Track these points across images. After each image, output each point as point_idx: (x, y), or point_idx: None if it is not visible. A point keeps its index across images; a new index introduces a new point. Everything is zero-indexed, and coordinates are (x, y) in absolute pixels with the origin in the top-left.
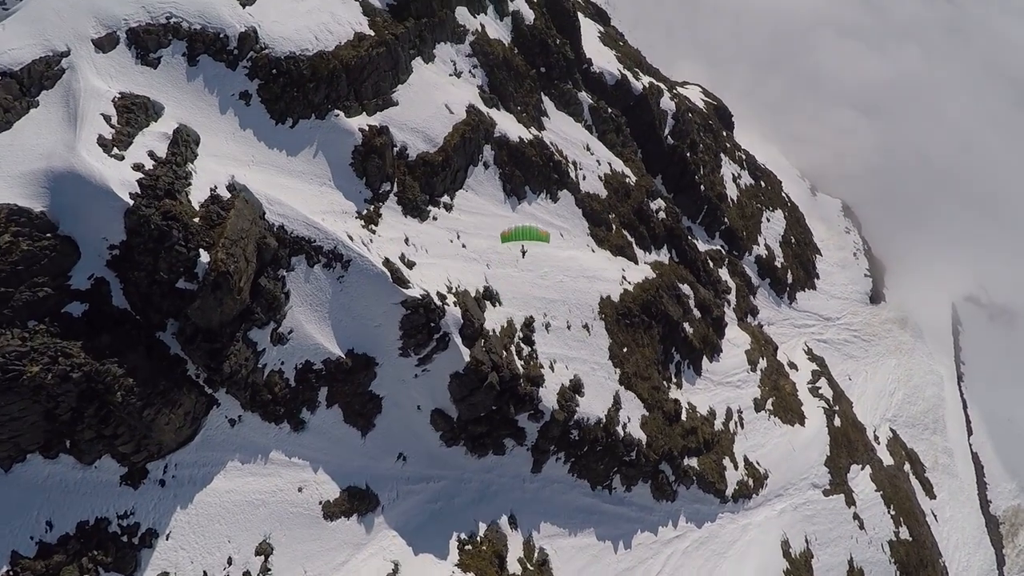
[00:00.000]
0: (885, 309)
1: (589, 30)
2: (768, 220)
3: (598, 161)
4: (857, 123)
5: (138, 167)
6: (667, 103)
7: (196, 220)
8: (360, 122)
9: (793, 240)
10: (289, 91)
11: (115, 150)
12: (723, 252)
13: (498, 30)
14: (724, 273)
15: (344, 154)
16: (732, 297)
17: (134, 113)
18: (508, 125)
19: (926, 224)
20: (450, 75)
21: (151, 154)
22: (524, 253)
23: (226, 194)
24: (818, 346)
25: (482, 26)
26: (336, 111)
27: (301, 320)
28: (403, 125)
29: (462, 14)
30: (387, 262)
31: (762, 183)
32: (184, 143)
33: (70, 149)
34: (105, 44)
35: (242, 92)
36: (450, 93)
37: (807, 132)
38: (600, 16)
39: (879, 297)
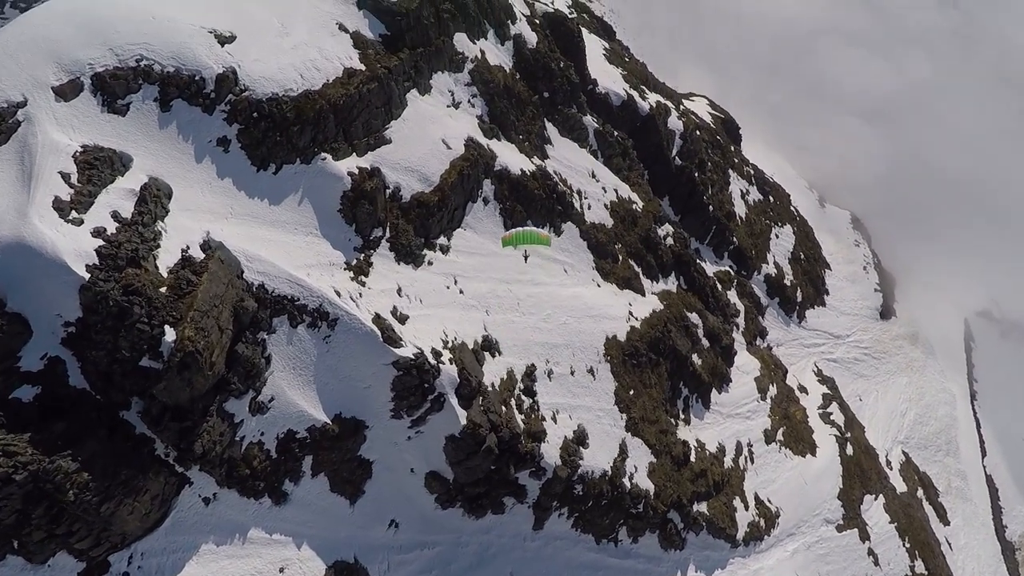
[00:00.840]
0: (896, 325)
1: (594, 47)
2: (777, 236)
3: (604, 188)
4: (863, 131)
5: (99, 232)
6: (675, 122)
7: (163, 290)
8: (349, 165)
9: (802, 256)
10: (272, 135)
11: (73, 213)
12: (731, 273)
13: (499, 55)
14: (733, 295)
15: (332, 200)
16: (741, 320)
17: (97, 169)
18: (509, 157)
19: (936, 236)
20: (448, 106)
21: (115, 215)
22: (527, 258)
23: (199, 254)
24: (828, 366)
25: (482, 52)
26: (323, 154)
27: (283, 386)
28: (396, 165)
29: (461, 41)
30: (377, 319)
31: (771, 198)
32: (154, 199)
33: (21, 215)
34: (67, 92)
35: (220, 138)
36: (447, 126)
37: (813, 141)
38: (605, 30)
39: (889, 312)
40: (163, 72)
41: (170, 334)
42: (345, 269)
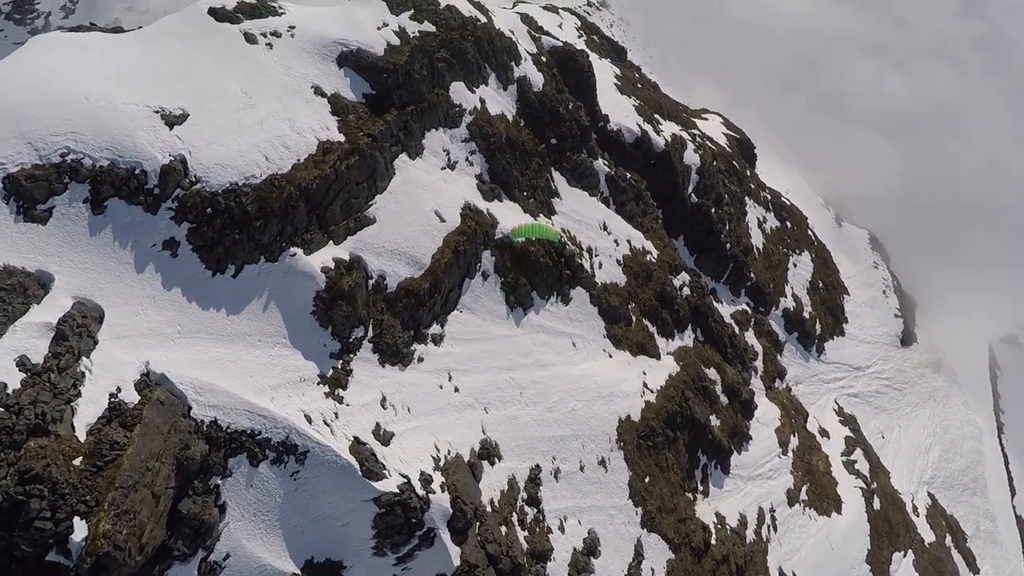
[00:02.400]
0: (917, 351)
1: (605, 77)
2: (795, 265)
3: (616, 241)
4: (882, 147)
5: None
6: (691, 156)
7: (77, 462)
8: (324, 257)
9: (821, 284)
10: (229, 233)
11: None
12: (749, 312)
13: (501, 102)
14: (751, 336)
15: (304, 302)
16: (759, 362)
17: (3, 301)
18: (512, 221)
19: (958, 257)
20: (443, 168)
21: (21, 363)
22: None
23: (134, 396)
24: (849, 402)
25: (482, 101)
26: (292, 249)
27: (241, 538)
28: (381, 249)
29: (458, 91)
30: (356, 445)
31: (788, 223)
32: (77, 330)
33: None
34: None
35: (167, 240)
36: (442, 193)
37: (830, 156)
38: (617, 52)
39: (910, 338)
40: (95, 167)
41: (80, 529)
42: (319, 383)
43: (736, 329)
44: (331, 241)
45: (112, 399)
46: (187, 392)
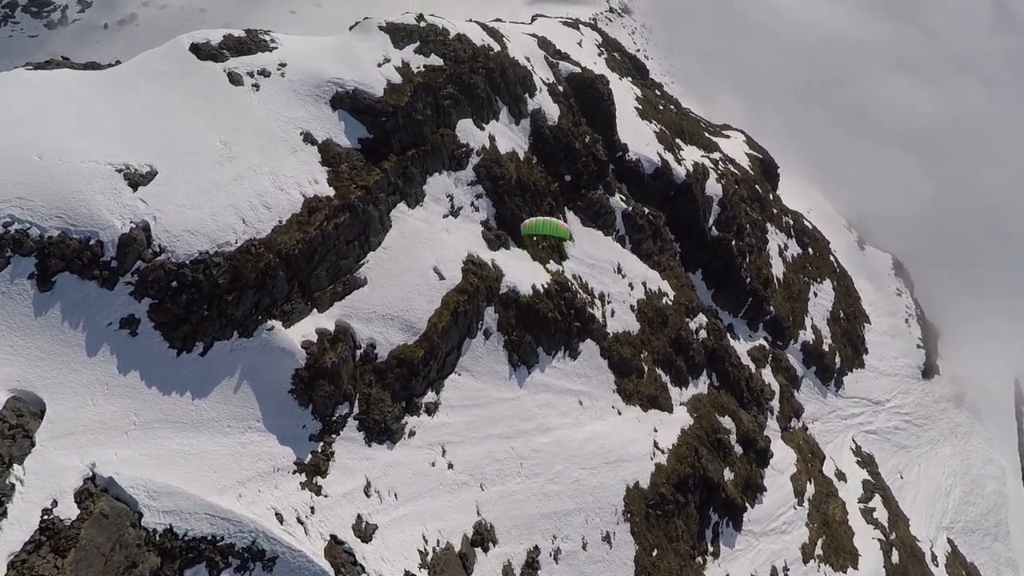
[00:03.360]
0: (939, 384)
1: (626, 99)
2: (816, 295)
3: (630, 285)
4: (909, 165)
5: None
6: (713, 187)
7: None
8: (307, 329)
9: (842, 314)
10: (197, 309)
11: None
12: (766, 347)
13: (513, 138)
14: (767, 373)
15: (281, 381)
16: (776, 402)
17: None
18: (519, 272)
19: (986, 285)
20: (445, 216)
21: None
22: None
23: (73, 509)
24: (867, 439)
25: (491, 138)
26: (270, 323)
27: None
28: (371, 314)
29: (466, 129)
30: (332, 545)
31: (810, 250)
32: (10, 433)
33: None
34: None
35: (124, 318)
36: (442, 245)
37: (854, 174)
38: (638, 70)
39: (932, 370)
40: (43, 239)
41: None
42: (295, 472)
43: (753, 368)
44: (315, 309)
45: (45, 517)
46: (139, 497)
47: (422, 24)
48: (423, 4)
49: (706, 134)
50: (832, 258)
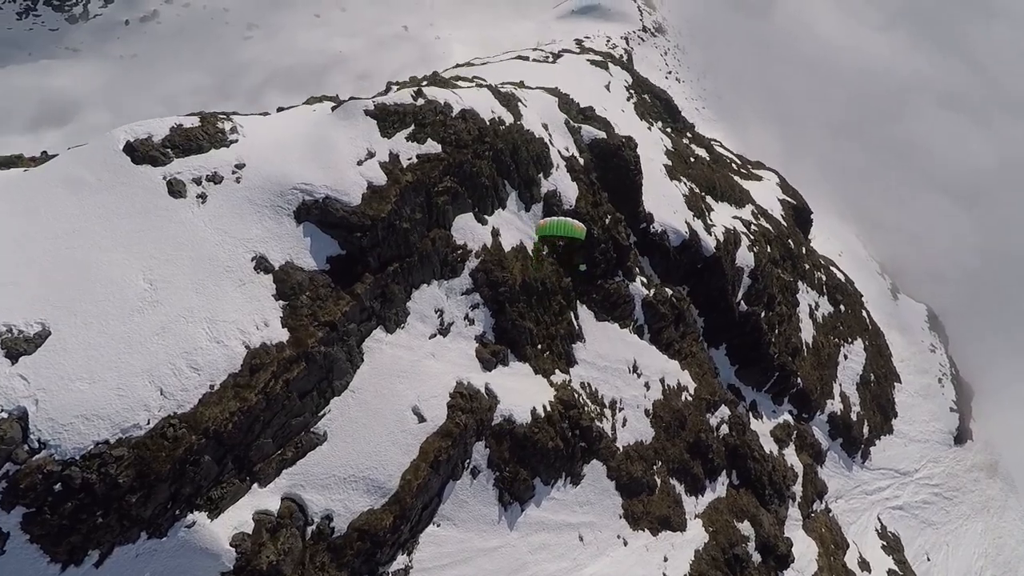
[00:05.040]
0: (971, 451)
1: (654, 155)
2: (846, 357)
3: (646, 384)
4: (951, 212)
5: None
6: (744, 255)
7: None
8: (241, 516)
9: (872, 377)
10: (89, 516)
11: None
12: (791, 424)
13: (521, 227)
14: (791, 453)
15: None
16: (799, 486)
17: None
18: (517, 394)
19: None
20: (432, 336)
21: None
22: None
23: None
24: (892, 516)
25: (495, 233)
26: (190, 517)
27: None
28: (329, 480)
29: (464, 226)
30: None
31: (842, 307)
32: None
33: None
34: None
35: None
36: (425, 377)
37: (891, 216)
38: (669, 112)
39: (965, 435)
40: None
41: None
42: None
43: (776, 451)
44: (256, 484)
45: None
46: None
47: (419, 102)
48: (450, 14)
49: (737, 179)
50: (864, 313)
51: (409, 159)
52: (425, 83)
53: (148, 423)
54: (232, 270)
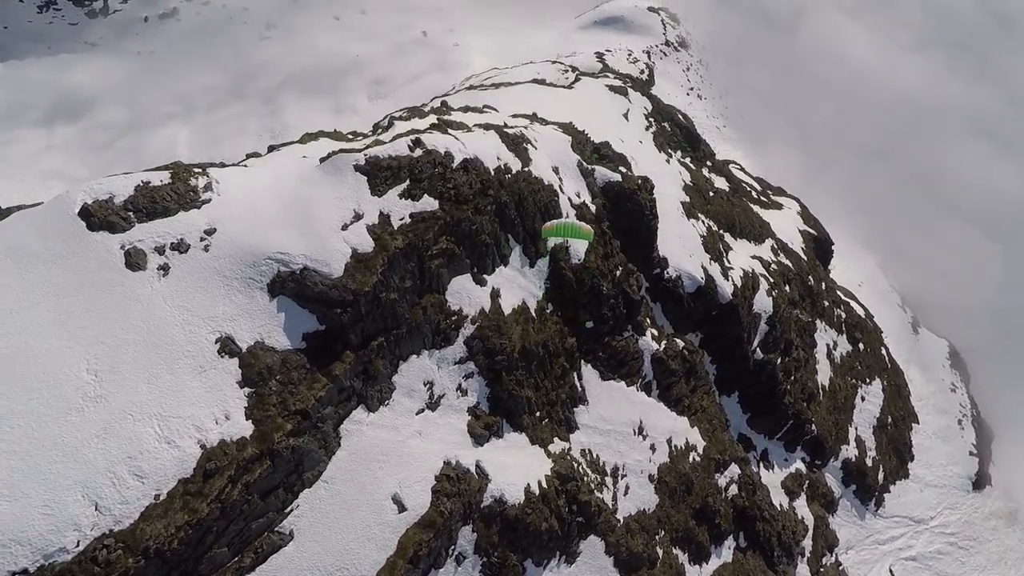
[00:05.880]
0: (990, 498)
1: (672, 191)
2: (863, 399)
3: (652, 446)
4: (979, 245)
5: None
6: (763, 300)
7: None
8: None
9: (890, 419)
10: None
11: None
12: (802, 473)
13: (524, 284)
14: (802, 504)
15: None
16: (808, 540)
17: None
18: (511, 470)
19: None
20: (420, 411)
21: None
22: None
23: None
24: (905, 568)
25: (494, 294)
26: None
27: None
28: None
29: (460, 289)
30: None
31: (861, 345)
32: None
33: None
34: None
35: None
36: (410, 460)
37: (914, 246)
38: (690, 142)
39: (984, 480)
40: None
41: None
42: None
43: (786, 501)
44: None
45: None
46: None
47: (416, 153)
48: (471, 21)
49: (758, 209)
50: (884, 350)
51: (402, 219)
52: (428, 128)
53: (77, 545)
54: (192, 355)
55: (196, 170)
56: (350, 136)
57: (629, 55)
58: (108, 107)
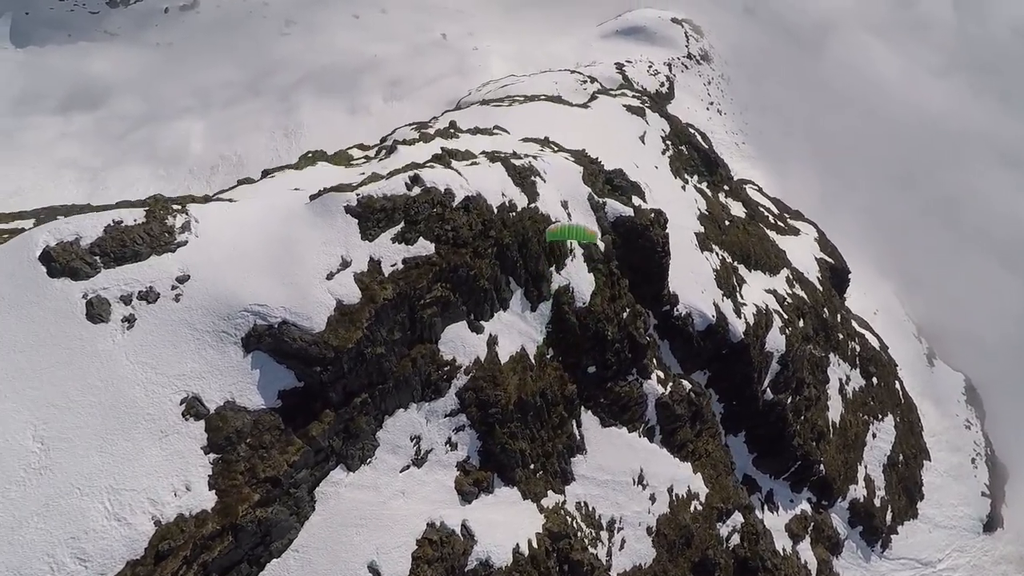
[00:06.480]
0: (1001, 541)
1: (686, 221)
2: (874, 436)
3: (652, 497)
4: (1000, 278)
5: None
6: (775, 339)
7: None
8: None
9: (901, 457)
10: None
11: None
12: (807, 515)
13: (525, 330)
14: (806, 547)
15: None
16: None
17: None
18: (500, 529)
19: None
20: (404, 469)
21: None
22: None
23: None
24: None
25: (492, 341)
26: None
27: None
28: None
29: (454, 337)
30: None
31: (874, 380)
32: None
33: None
34: None
35: None
36: (390, 523)
37: (933, 275)
38: (707, 166)
39: (996, 522)
40: None
41: None
42: None
43: (790, 545)
44: None
45: None
46: None
47: (414, 192)
48: (491, 25)
49: (774, 235)
50: (898, 384)
51: (394, 265)
52: (429, 160)
53: None
54: (153, 418)
55: (175, 207)
56: (352, 152)
57: (650, 67)
58: (125, 97)
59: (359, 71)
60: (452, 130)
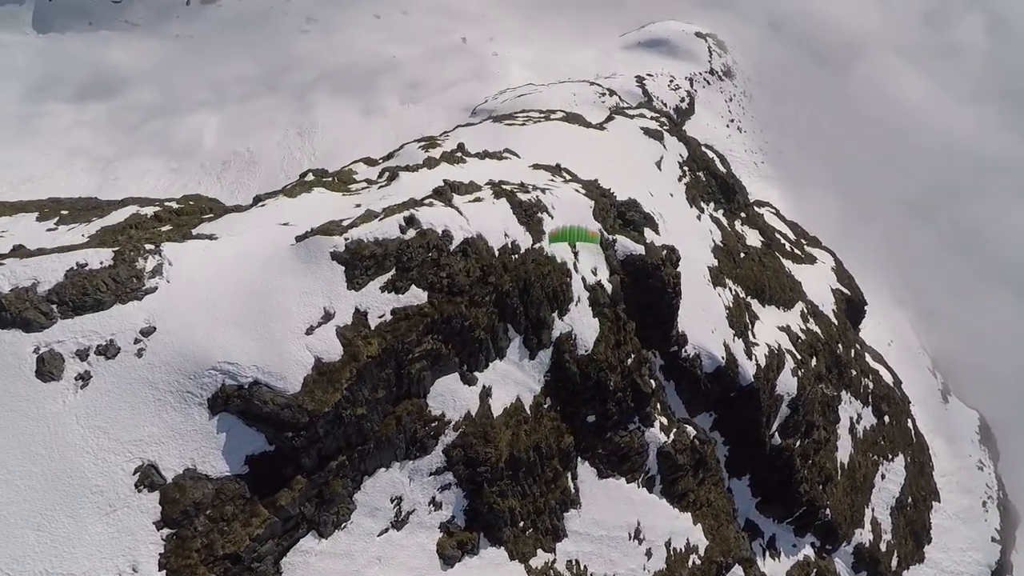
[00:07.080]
0: None
1: (700, 254)
2: (883, 477)
3: (648, 552)
4: (1020, 312)
5: None
6: (786, 382)
7: None
8: None
9: (909, 500)
10: None
11: None
12: (810, 560)
13: (521, 379)
14: None
15: None
16: None
17: None
18: None
19: None
20: (383, 532)
21: None
22: None
23: None
24: None
25: (484, 393)
26: None
27: None
28: None
29: (444, 391)
30: None
31: (886, 419)
32: None
33: None
34: None
35: None
36: None
37: (951, 308)
38: (725, 192)
39: (1005, 570)
40: None
41: None
42: None
43: None
44: None
45: None
46: None
47: (408, 235)
48: (512, 31)
49: (790, 264)
50: (910, 422)
51: (381, 316)
52: (429, 196)
53: None
54: (101, 490)
55: (148, 247)
56: (356, 168)
57: (671, 81)
58: (141, 88)
59: (376, 72)
60: (459, 153)
